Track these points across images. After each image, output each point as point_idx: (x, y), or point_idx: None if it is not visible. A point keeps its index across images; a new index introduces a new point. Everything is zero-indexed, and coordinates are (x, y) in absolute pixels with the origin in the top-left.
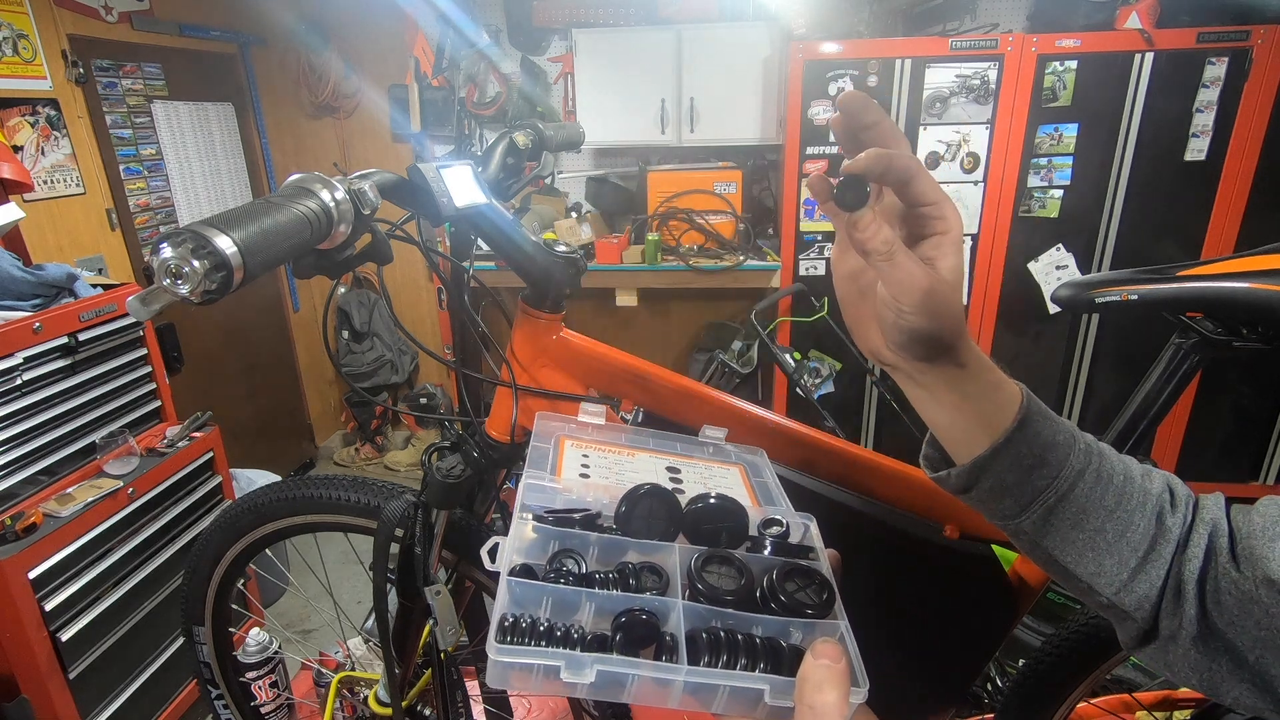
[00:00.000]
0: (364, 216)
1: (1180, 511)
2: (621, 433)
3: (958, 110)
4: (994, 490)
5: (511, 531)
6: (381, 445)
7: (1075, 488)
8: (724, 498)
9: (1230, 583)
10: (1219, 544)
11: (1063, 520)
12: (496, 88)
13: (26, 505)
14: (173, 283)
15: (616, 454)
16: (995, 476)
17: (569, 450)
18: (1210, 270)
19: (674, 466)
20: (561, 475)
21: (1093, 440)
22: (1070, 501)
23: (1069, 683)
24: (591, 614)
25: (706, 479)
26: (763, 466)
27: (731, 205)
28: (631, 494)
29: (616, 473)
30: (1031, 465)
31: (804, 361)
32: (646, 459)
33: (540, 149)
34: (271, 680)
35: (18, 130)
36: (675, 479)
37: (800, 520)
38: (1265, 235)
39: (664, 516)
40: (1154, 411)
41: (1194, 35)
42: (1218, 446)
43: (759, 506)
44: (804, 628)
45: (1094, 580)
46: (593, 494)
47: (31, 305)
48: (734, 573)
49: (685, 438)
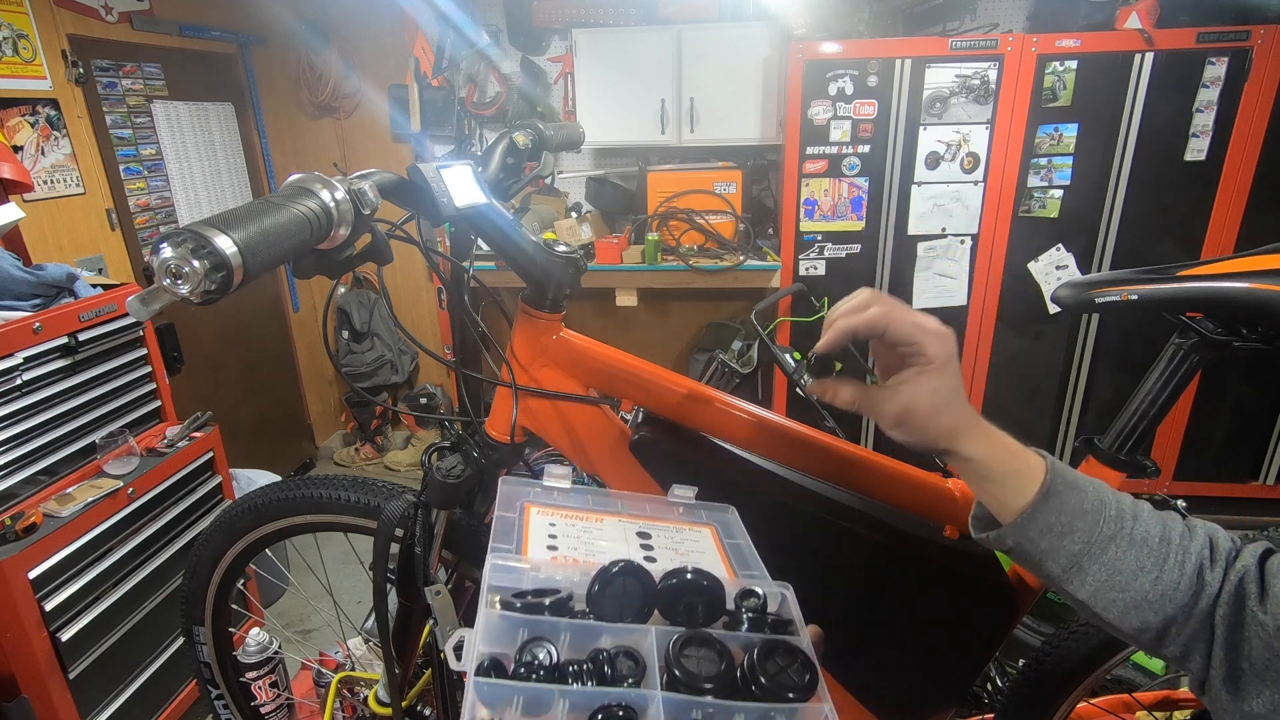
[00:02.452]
0: (364, 216)
1: (1220, 565)
2: (588, 495)
3: (958, 110)
4: (1029, 553)
5: (479, 621)
6: (381, 445)
7: (1107, 552)
8: (699, 572)
9: (1258, 625)
10: (1249, 590)
11: (1100, 582)
12: (496, 88)
13: (26, 505)
14: (173, 283)
15: (584, 520)
16: (1027, 542)
17: (535, 518)
18: (1210, 270)
19: (644, 532)
20: (529, 550)
21: (1130, 503)
22: (1104, 565)
23: (1069, 683)
24: (566, 711)
25: (678, 544)
26: (734, 526)
27: (731, 205)
28: (603, 573)
29: (586, 541)
30: (1062, 532)
31: (804, 361)
32: (615, 524)
33: (540, 149)
34: (271, 680)
35: (18, 130)
36: (646, 545)
37: (776, 589)
38: (1265, 235)
39: (637, 594)
40: (1154, 411)
41: (1194, 35)
42: (1218, 446)
43: (734, 576)
44: (787, 713)
45: (1138, 635)
46: (562, 572)
47: (31, 305)
48: (713, 655)
49: (654, 498)
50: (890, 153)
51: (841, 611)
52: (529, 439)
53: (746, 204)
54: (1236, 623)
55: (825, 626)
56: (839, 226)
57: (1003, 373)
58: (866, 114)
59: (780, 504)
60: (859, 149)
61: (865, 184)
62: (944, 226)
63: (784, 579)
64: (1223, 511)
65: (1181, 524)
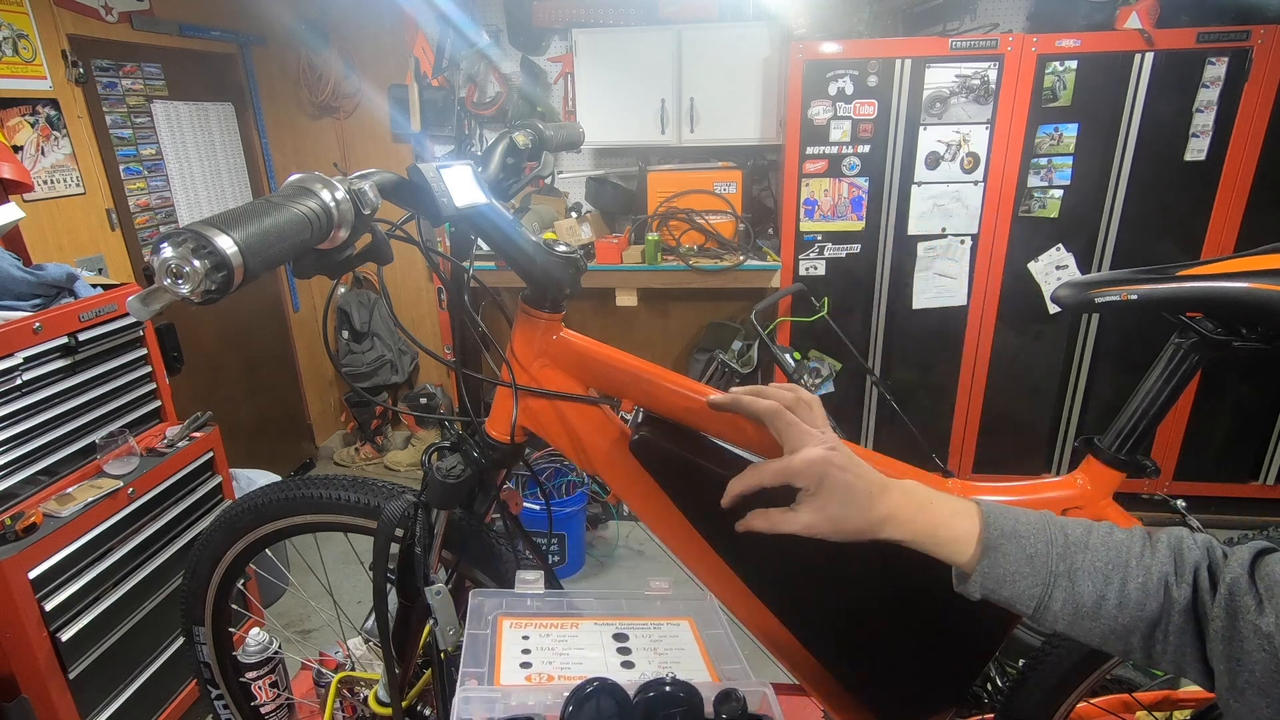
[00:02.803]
0: (364, 216)
1: (1186, 578)
2: (563, 599)
3: (958, 110)
4: (999, 603)
5: None
6: (381, 445)
7: (1061, 589)
8: (676, 683)
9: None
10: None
11: (1070, 615)
12: (496, 88)
13: (26, 505)
14: (173, 282)
15: (559, 629)
16: (989, 593)
17: (507, 633)
18: (1210, 270)
19: (621, 633)
20: (500, 671)
21: (1079, 533)
22: (1065, 601)
23: (1069, 683)
24: None
25: (656, 642)
26: (713, 614)
27: (731, 205)
28: (577, 693)
29: (560, 653)
30: (1015, 579)
31: (804, 361)
32: (591, 629)
33: (540, 149)
34: (271, 680)
35: (18, 130)
36: (623, 649)
37: (757, 688)
38: (1265, 235)
39: (613, 713)
40: (1154, 411)
41: (1194, 35)
42: (1218, 446)
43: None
44: None
45: (1130, 656)
46: (535, 695)
47: (31, 305)
48: None
49: (631, 594)
50: (890, 153)
51: (841, 612)
52: (529, 439)
53: (746, 204)
54: (1234, 638)
55: (826, 626)
56: (839, 226)
57: (1003, 373)
58: (866, 114)
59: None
60: (859, 149)
61: (865, 184)
62: (944, 226)
63: (784, 579)
64: (1223, 511)
65: (1141, 541)
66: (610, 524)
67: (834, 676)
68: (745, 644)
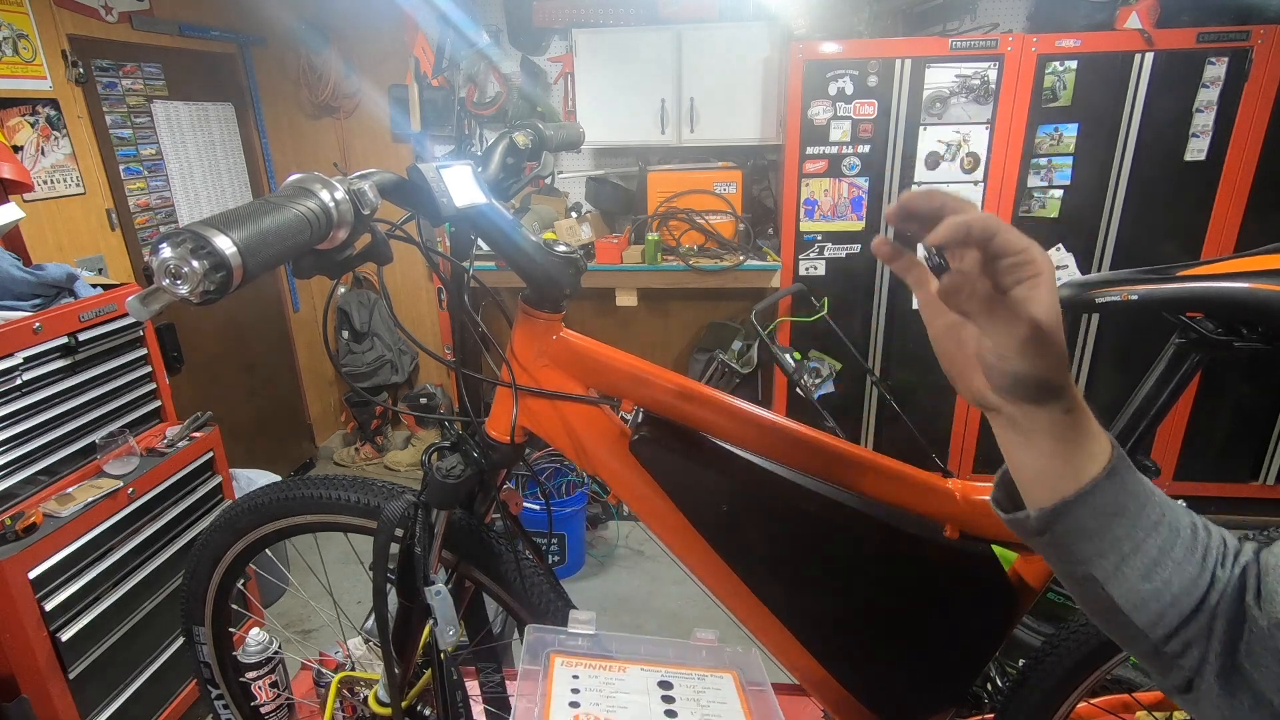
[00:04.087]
0: (364, 217)
1: (1230, 562)
2: (613, 642)
3: (958, 110)
4: (1072, 533)
5: None
6: (381, 445)
7: (1150, 539)
8: None
9: (1251, 621)
10: (1248, 583)
11: (1134, 570)
12: (496, 88)
13: (26, 505)
14: (172, 283)
15: (607, 671)
16: (1076, 521)
17: (559, 670)
18: (1210, 270)
19: (666, 681)
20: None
21: (1163, 494)
22: (1143, 554)
23: (1069, 683)
24: None
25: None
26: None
27: (731, 205)
28: None
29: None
30: (1113, 513)
31: (804, 361)
32: (638, 674)
33: (540, 149)
34: (271, 680)
35: (18, 130)
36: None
37: None
38: (1265, 235)
39: None
40: (1154, 411)
41: (1194, 35)
42: (1218, 446)
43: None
44: None
45: (1151, 629)
46: None
47: (31, 305)
48: None
49: (678, 642)
50: (890, 153)
51: (841, 611)
52: (529, 439)
53: (746, 204)
54: (1237, 616)
55: (826, 626)
56: (839, 226)
57: None
58: (866, 114)
59: (780, 504)
60: (859, 149)
61: (865, 184)
62: None
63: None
64: (1223, 511)
65: (1195, 517)
66: (610, 524)
67: (834, 676)
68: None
